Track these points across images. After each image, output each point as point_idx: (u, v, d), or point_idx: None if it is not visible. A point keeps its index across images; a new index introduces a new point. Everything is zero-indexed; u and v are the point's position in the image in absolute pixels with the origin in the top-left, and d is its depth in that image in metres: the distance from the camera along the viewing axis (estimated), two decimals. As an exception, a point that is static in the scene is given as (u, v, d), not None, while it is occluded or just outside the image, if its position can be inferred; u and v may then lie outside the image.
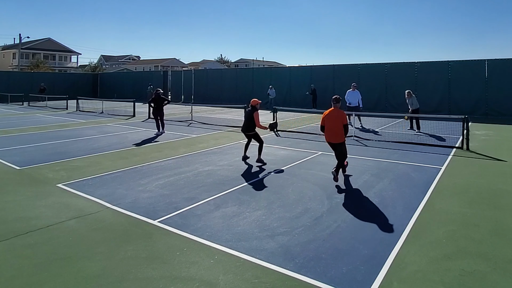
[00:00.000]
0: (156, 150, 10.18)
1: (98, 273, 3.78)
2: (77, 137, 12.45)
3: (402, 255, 4.12)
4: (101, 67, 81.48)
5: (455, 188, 6.59)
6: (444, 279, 3.64)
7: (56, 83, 34.98)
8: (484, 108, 18.74)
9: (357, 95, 14.83)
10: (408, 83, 20.80)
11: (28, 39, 55.84)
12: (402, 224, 4.98)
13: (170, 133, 13.40)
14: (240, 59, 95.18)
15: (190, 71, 35.25)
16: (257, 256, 4.10)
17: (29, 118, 18.80)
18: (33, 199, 6.03)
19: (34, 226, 4.93)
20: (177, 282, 3.61)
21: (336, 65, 24.26)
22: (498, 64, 18.57)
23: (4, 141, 11.75)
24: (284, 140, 11.87)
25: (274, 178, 7.32)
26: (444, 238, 4.56)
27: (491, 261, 4.00)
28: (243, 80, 28.77)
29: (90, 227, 4.93)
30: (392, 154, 9.55)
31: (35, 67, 56.54)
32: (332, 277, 3.68)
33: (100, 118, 18.98)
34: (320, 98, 22.86)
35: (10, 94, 30.51)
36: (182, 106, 25.04)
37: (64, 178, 7.30)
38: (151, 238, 4.60)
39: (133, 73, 46.30)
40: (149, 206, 5.71)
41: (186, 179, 7.25)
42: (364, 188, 6.60)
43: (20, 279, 3.67)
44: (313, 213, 5.39)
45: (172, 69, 52.19)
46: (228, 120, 17.52)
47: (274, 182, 6.99)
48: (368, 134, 12.62)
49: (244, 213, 5.40)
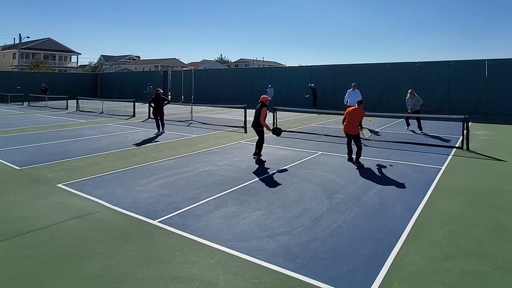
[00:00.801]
0: (156, 150, 10.18)
1: (98, 273, 3.78)
2: (77, 137, 12.45)
3: (402, 255, 4.12)
4: (101, 67, 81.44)
5: (455, 188, 6.59)
6: (444, 279, 3.64)
7: (56, 83, 34.95)
8: (484, 108, 18.73)
9: (357, 94, 14.89)
10: (408, 83, 20.81)
11: (28, 39, 55.86)
12: (402, 224, 4.98)
13: (170, 133, 13.40)
14: (240, 59, 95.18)
15: (190, 71, 35.24)
16: (257, 256, 4.10)
17: (29, 118, 18.80)
18: (33, 199, 6.03)
19: (34, 226, 4.93)
20: (177, 282, 3.61)
21: (336, 65, 24.25)
22: (498, 64, 18.57)
23: (4, 141, 11.75)
24: (284, 140, 11.87)
25: (274, 178, 7.32)
26: (444, 238, 4.56)
27: (491, 261, 4.00)
28: (243, 80, 28.76)
29: (90, 227, 4.93)
30: (392, 154, 9.55)
31: (35, 67, 56.53)
32: (332, 277, 3.68)
33: (100, 118, 18.97)
34: (320, 98, 22.87)
35: (10, 94, 30.51)
36: (182, 106, 25.04)
37: (64, 178, 7.30)
38: (151, 238, 4.60)
39: (133, 73, 46.31)
40: (149, 206, 5.71)
41: (186, 179, 7.25)
42: (364, 188, 6.60)
43: (20, 279, 3.67)
44: (313, 213, 5.39)
45: (172, 69, 52.20)
46: (228, 120, 17.52)
47: (274, 182, 6.99)
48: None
49: (244, 213, 5.40)
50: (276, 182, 6.99)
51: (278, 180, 7.16)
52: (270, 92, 23.55)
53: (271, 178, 7.32)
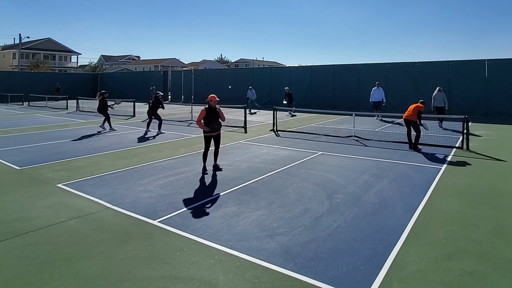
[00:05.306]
0: (156, 150, 10.18)
1: (98, 273, 3.78)
2: (77, 137, 12.45)
3: (402, 255, 4.12)
4: (101, 67, 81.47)
5: (455, 188, 6.59)
6: (444, 279, 3.64)
7: (56, 83, 34.93)
8: (484, 108, 18.73)
9: (381, 92, 17.43)
10: (408, 83, 20.85)
11: (28, 39, 55.85)
12: (402, 224, 4.98)
13: (170, 133, 13.40)
14: (240, 59, 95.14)
15: (190, 71, 35.23)
16: (257, 256, 4.10)
17: (29, 118, 18.80)
18: (33, 199, 6.03)
19: (34, 226, 4.93)
20: (177, 282, 3.60)
21: (336, 65, 24.24)
22: (498, 64, 18.57)
23: (4, 141, 11.75)
24: (284, 140, 11.87)
25: (274, 178, 7.31)
26: (444, 238, 4.56)
27: (491, 261, 4.00)
28: (243, 80, 28.75)
29: (90, 227, 4.93)
30: (392, 154, 9.55)
31: (35, 67, 56.52)
32: (332, 277, 3.68)
33: (100, 118, 18.91)
34: (320, 98, 22.81)
35: (10, 94, 30.50)
36: (182, 106, 25.03)
37: (64, 178, 7.30)
38: (151, 238, 4.60)
39: (133, 73, 46.29)
40: (149, 206, 5.71)
41: (186, 179, 7.25)
42: (364, 188, 6.60)
43: (20, 279, 3.67)
44: (313, 213, 5.39)
45: (172, 69, 52.17)
46: (228, 120, 17.49)
47: (274, 182, 6.99)
48: (368, 134, 12.62)
49: (244, 213, 5.40)
50: (276, 182, 6.99)
51: (278, 180, 7.16)
52: (251, 94, 23.11)
53: (271, 178, 7.31)
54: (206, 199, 6.05)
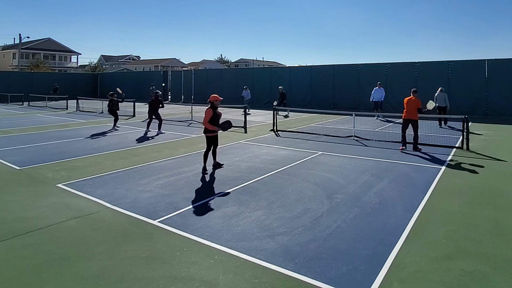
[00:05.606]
0: (156, 150, 10.18)
1: (98, 273, 3.78)
2: (77, 137, 12.45)
3: (402, 255, 4.12)
4: (101, 67, 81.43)
5: (455, 188, 6.59)
6: (444, 279, 3.64)
7: (56, 83, 34.94)
8: (484, 108, 18.73)
9: (382, 92, 17.83)
10: (408, 83, 20.81)
11: (28, 39, 55.82)
12: (402, 224, 4.98)
13: (170, 133, 13.40)
14: (240, 59, 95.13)
15: (190, 71, 35.24)
16: (257, 256, 4.10)
17: (29, 118, 18.80)
18: (33, 199, 6.03)
19: (34, 226, 4.93)
20: (177, 282, 3.60)
21: (336, 65, 24.25)
22: (498, 64, 18.57)
23: (4, 141, 11.75)
24: (284, 140, 11.88)
25: (274, 178, 7.31)
26: (444, 238, 4.56)
27: (491, 261, 4.00)
28: (243, 80, 28.74)
29: (90, 227, 4.93)
30: (392, 154, 9.54)
31: (35, 67, 56.50)
32: (332, 277, 3.68)
33: (100, 118, 18.96)
34: (321, 98, 22.80)
35: (10, 94, 30.50)
36: (182, 106, 25.04)
37: (64, 178, 7.30)
38: (151, 238, 4.60)
39: (133, 73, 46.25)
40: (149, 206, 5.71)
41: (186, 179, 7.25)
42: (364, 188, 6.59)
43: (20, 279, 3.67)
44: (313, 213, 5.39)
45: (172, 69, 52.17)
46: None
47: (274, 182, 6.99)
48: (368, 134, 12.62)
49: (244, 213, 5.40)
50: (276, 182, 6.99)
51: (278, 180, 7.16)
52: (246, 94, 22.98)
53: (271, 178, 7.31)
54: (206, 199, 6.05)
